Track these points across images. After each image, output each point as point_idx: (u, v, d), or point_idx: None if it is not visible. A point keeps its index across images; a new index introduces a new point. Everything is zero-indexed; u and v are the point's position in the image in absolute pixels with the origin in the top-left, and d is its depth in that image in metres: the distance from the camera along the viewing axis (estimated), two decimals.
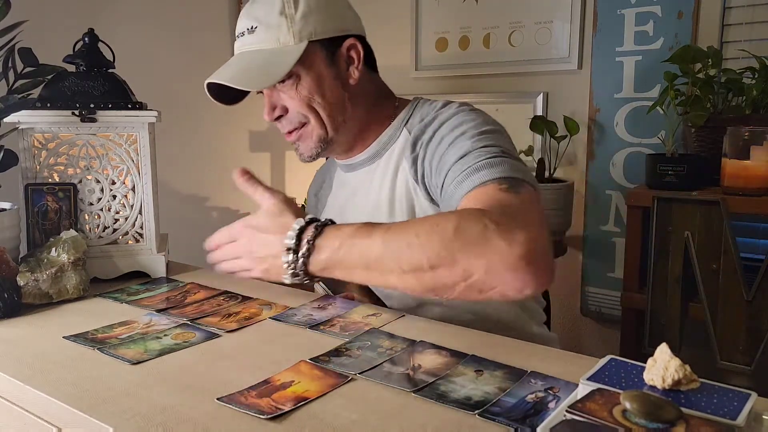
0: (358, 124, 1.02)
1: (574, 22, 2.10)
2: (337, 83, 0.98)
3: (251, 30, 0.96)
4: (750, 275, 1.53)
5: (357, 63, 1.00)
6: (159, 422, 0.56)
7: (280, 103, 0.98)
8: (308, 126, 0.99)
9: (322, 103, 0.97)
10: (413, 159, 0.96)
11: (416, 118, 1.01)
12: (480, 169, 0.80)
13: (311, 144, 1.00)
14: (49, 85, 1.01)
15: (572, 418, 0.48)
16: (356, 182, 1.06)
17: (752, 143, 1.57)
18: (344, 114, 0.99)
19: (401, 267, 0.70)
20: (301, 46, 0.93)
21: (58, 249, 0.92)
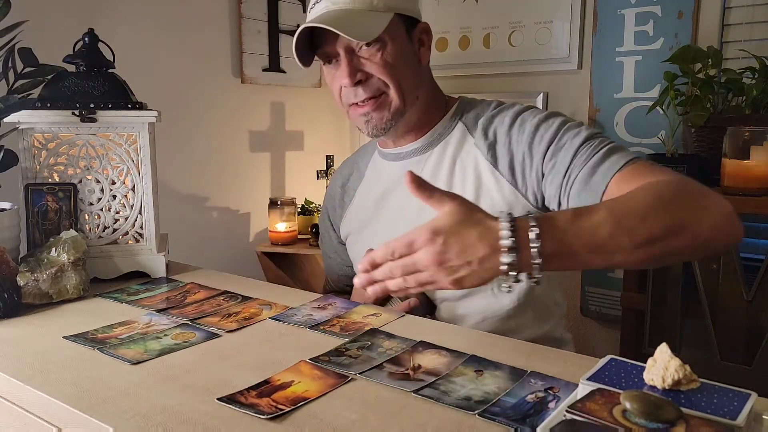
0: (423, 107, 1.02)
1: (574, 22, 2.10)
2: (414, 59, 1.00)
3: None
4: (750, 275, 1.53)
5: (428, 46, 1.02)
6: (159, 422, 0.56)
7: (361, 69, 0.96)
8: (386, 96, 0.97)
9: (404, 74, 0.97)
10: (488, 145, 0.97)
11: (471, 113, 1.03)
12: (608, 155, 0.85)
13: (386, 115, 0.98)
14: (49, 85, 1.01)
15: (572, 418, 0.48)
16: (402, 171, 1.01)
17: (752, 143, 1.57)
18: (418, 90, 1.00)
19: (634, 242, 0.68)
20: (389, 14, 0.94)
21: (58, 249, 0.92)
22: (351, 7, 0.93)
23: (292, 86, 2.45)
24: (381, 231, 1.06)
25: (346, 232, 1.15)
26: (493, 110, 1.01)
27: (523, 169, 0.94)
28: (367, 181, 1.13)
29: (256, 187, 2.40)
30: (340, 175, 1.20)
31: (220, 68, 2.23)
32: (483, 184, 0.97)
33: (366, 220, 1.09)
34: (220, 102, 2.23)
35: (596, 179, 0.84)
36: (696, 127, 1.74)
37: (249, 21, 2.26)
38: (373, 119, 0.98)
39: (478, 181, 0.97)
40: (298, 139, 2.55)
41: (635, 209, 0.70)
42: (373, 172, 1.13)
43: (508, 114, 0.99)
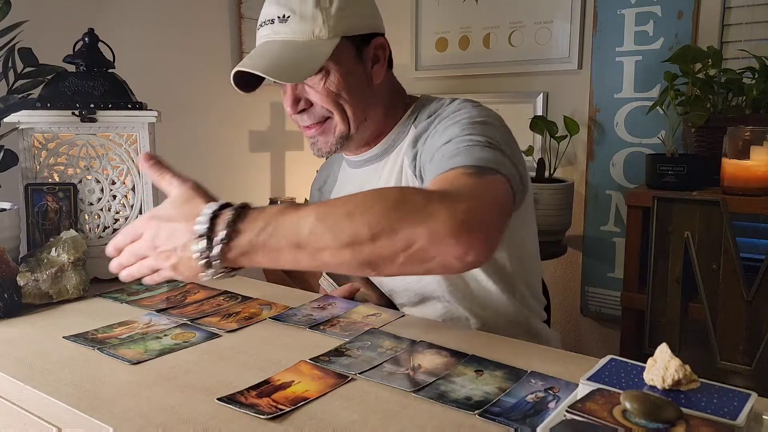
0: (376, 122, 1.01)
1: (574, 22, 2.10)
2: (362, 81, 0.97)
3: (283, 19, 0.91)
4: (750, 275, 1.53)
5: (383, 62, 0.99)
6: (159, 422, 0.56)
7: (305, 96, 0.96)
8: (331, 121, 0.97)
9: (348, 100, 0.95)
10: (413, 155, 0.96)
11: (423, 115, 1.00)
12: (455, 156, 0.79)
13: (331, 139, 0.98)
14: (49, 85, 1.01)
15: (572, 418, 0.48)
16: (363, 178, 1.06)
17: (752, 143, 1.57)
18: (366, 112, 0.99)
19: (338, 240, 0.64)
20: (334, 41, 0.92)
21: (58, 249, 0.92)
22: (292, 38, 0.91)
23: None
24: None
25: None
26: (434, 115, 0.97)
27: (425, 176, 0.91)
28: (339, 186, 1.15)
29: (256, 187, 2.40)
30: (319, 177, 1.23)
31: (220, 68, 2.23)
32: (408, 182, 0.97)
33: None
34: (220, 102, 2.23)
35: (430, 172, 0.81)
36: (696, 127, 1.74)
37: (249, 21, 2.26)
38: (318, 142, 0.99)
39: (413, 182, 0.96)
40: (298, 139, 2.55)
41: (343, 208, 0.66)
42: (343, 176, 1.15)
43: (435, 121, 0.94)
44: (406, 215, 0.64)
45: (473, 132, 0.84)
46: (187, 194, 0.71)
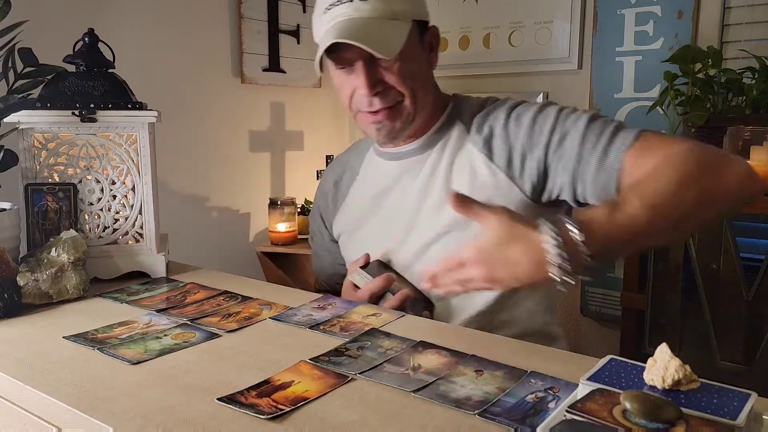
0: (430, 110, 1.02)
1: (574, 22, 2.10)
2: (426, 67, 1.00)
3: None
4: (750, 275, 1.53)
5: (436, 50, 1.02)
6: (159, 422, 0.56)
7: (380, 78, 0.95)
8: (401, 105, 0.97)
9: (419, 83, 0.97)
10: (484, 139, 0.97)
11: (466, 111, 1.03)
12: (618, 130, 0.87)
13: (398, 124, 0.98)
14: (49, 85, 1.01)
15: (572, 418, 0.48)
16: (401, 170, 1.05)
17: (752, 143, 1.57)
18: (426, 98, 1.00)
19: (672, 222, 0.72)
20: (408, 22, 0.94)
21: (58, 249, 0.92)
22: (372, 15, 0.92)
23: (292, 86, 2.45)
24: (378, 230, 1.06)
25: (339, 230, 1.15)
26: (489, 106, 1.02)
27: (523, 161, 0.94)
28: (362, 179, 1.13)
29: (256, 187, 2.40)
30: (332, 172, 1.20)
31: (220, 68, 2.23)
32: (477, 177, 0.97)
33: (361, 219, 1.09)
34: (220, 102, 2.23)
35: (610, 160, 0.85)
36: (696, 127, 1.74)
37: (249, 21, 2.26)
38: (385, 127, 0.98)
39: (473, 174, 0.97)
40: (298, 139, 2.55)
41: (665, 190, 0.72)
42: (369, 171, 1.12)
43: (503, 108, 0.99)
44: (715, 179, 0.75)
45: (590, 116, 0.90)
46: (506, 223, 0.71)
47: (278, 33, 2.35)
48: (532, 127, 0.94)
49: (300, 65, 2.45)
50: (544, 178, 0.94)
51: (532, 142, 0.93)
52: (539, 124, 0.94)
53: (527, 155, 0.94)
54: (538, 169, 0.93)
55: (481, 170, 0.97)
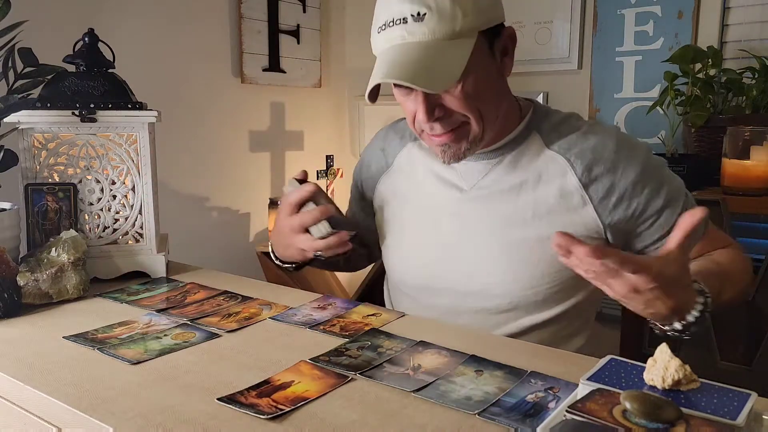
0: (502, 120, 0.94)
1: (574, 22, 2.10)
2: (496, 78, 0.91)
3: (419, 17, 0.82)
4: None
5: (512, 53, 0.92)
6: (159, 422, 0.56)
7: (440, 103, 0.86)
8: (467, 126, 0.89)
9: (485, 101, 0.88)
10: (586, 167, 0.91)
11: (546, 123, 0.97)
12: None
13: (465, 145, 0.90)
14: (49, 85, 1.01)
15: (572, 418, 0.48)
16: (462, 170, 0.98)
17: (752, 143, 1.57)
18: (498, 110, 0.92)
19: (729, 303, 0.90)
20: (473, 38, 0.84)
21: (58, 249, 0.92)
22: (430, 38, 0.82)
23: (292, 86, 2.45)
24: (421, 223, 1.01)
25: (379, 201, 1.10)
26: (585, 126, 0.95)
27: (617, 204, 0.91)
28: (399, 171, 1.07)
29: (256, 187, 2.40)
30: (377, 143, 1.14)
31: (220, 68, 2.23)
32: (567, 201, 0.91)
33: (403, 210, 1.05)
34: (220, 102, 2.23)
35: None
36: (696, 127, 1.74)
37: (249, 21, 2.26)
38: (451, 149, 0.91)
39: (563, 197, 0.92)
40: (298, 139, 2.55)
41: (734, 283, 0.90)
42: (414, 164, 1.05)
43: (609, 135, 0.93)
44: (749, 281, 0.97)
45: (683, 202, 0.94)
46: (684, 267, 0.73)
47: (278, 33, 2.35)
48: (641, 177, 0.91)
49: (300, 65, 2.45)
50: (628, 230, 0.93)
51: (635, 194, 0.91)
52: (646, 178, 0.91)
53: (623, 203, 0.91)
54: (628, 222, 0.92)
55: (572, 193, 0.92)
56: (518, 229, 0.92)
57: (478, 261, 0.94)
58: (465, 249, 0.96)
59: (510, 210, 0.94)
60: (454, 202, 0.98)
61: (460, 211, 0.97)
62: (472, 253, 0.95)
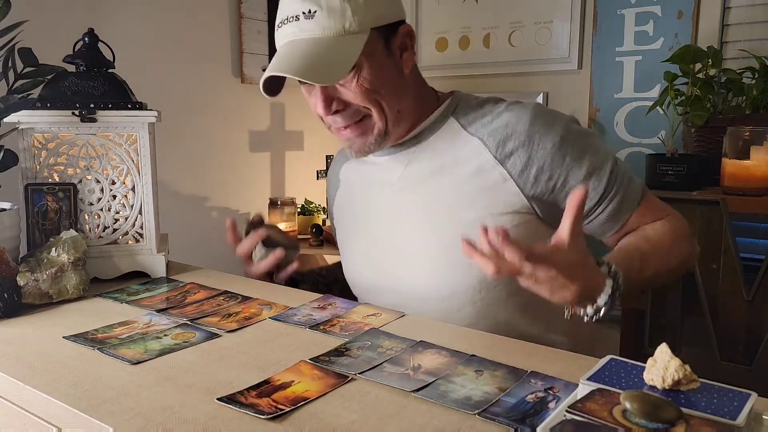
0: (410, 114, 0.96)
1: (574, 22, 2.10)
2: (394, 73, 0.93)
3: (309, 14, 0.86)
4: (750, 275, 1.53)
5: (411, 49, 0.94)
6: (159, 422, 0.56)
7: (337, 96, 0.90)
8: (369, 120, 0.92)
9: (384, 95, 0.91)
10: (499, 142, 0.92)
11: (467, 109, 0.98)
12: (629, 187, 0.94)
13: (370, 139, 0.93)
14: (49, 85, 1.01)
15: (572, 418, 0.48)
16: (386, 164, 1.01)
17: (752, 143, 1.57)
18: (400, 104, 0.94)
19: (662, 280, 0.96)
20: (364, 34, 0.87)
21: (58, 249, 0.92)
22: (320, 35, 0.86)
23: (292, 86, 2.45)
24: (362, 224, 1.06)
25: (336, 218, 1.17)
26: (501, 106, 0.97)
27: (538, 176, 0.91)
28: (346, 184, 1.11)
29: (256, 187, 2.40)
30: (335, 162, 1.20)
31: (220, 68, 2.23)
32: (485, 181, 0.93)
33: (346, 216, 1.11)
34: (220, 102, 2.23)
35: (623, 212, 0.94)
36: (696, 127, 1.74)
37: (249, 21, 2.26)
38: (356, 144, 0.94)
39: (480, 177, 0.93)
40: (298, 139, 2.55)
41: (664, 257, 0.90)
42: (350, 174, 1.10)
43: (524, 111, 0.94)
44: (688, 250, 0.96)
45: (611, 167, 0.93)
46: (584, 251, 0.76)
47: None
48: (559, 147, 0.91)
49: None
50: (555, 200, 0.93)
51: (554, 165, 0.91)
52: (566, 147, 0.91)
53: (544, 174, 0.91)
54: (553, 192, 0.92)
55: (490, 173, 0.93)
56: (444, 213, 0.94)
57: (412, 248, 0.97)
58: (399, 239, 0.99)
59: (433, 195, 0.96)
60: (385, 198, 1.02)
61: (391, 206, 1.01)
62: (405, 241, 0.98)
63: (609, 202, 0.93)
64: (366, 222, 1.05)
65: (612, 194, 0.92)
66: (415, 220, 0.97)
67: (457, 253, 0.90)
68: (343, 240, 1.12)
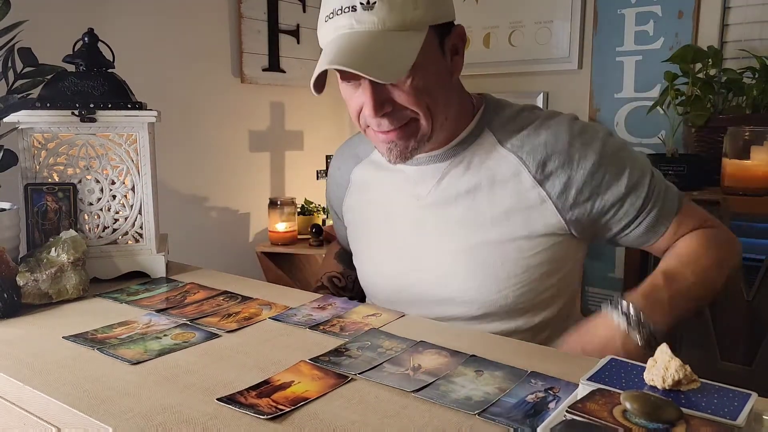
0: (453, 120, 0.91)
1: (574, 21, 2.10)
2: (446, 76, 0.88)
3: (368, 5, 0.79)
4: (750, 275, 1.53)
5: (461, 53, 0.90)
6: (159, 422, 0.56)
7: (389, 97, 0.84)
8: (416, 123, 0.86)
9: (436, 98, 0.86)
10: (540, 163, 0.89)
11: (498, 119, 0.94)
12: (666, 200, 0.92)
13: (412, 143, 0.88)
14: (48, 85, 1.01)
15: (572, 419, 0.48)
16: (416, 175, 0.96)
17: (752, 143, 1.57)
18: (448, 110, 0.89)
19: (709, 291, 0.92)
20: (423, 31, 0.82)
21: (58, 249, 0.92)
22: (380, 28, 0.80)
23: (292, 86, 2.45)
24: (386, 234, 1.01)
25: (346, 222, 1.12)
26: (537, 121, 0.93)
27: (577, 197, 0.89)
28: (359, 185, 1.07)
29: (256, 187, 2.40)
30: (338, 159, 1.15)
31: (220, 68, 2.23)
32: (524, 201, 0.90)
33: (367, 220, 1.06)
34: (220, 102, 2.23)
35: (660, 225, 0.92)
36: (696, 127, 1.74)
37: (249, 21, 2.26)
38: (397, 147, 0.88)
39: (520, 197, 0.90)
40: (297, 139, 2.55)
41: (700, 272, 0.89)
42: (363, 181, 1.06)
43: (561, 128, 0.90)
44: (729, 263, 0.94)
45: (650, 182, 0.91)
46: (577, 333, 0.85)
47: (278, 33, 2.35)
48: (599, 166, 0.88)
49: (300, 65, 2.45)
50: (593, 219, 0.91)
51: (594, 184, 0.88)
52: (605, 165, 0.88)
53: (583, 194, 0.89)
54: (591, 211, 0.90)
55: (529, 192, 0.89)
56: (477, 233, 0.91)
57: (442, 269, 0.93)
58: (427, 258, 0.95)
59: (467, 214, 0.92)
60: (412, 210, 0.97)
61: (419, 219, 0.96)
62: (435, 261, 0.94)
63: (647, 215, 0.90)
64: (390, 232, 1.00)
65: (649, 208, 0.90)
66: (446, 237, 0.93)
67: (489, 274, 0.90)
68: (360, 245, 1.07)
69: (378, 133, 0.88)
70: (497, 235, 0.90)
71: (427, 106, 0.85)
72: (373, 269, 1.03)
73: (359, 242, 1.08)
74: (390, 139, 0.87)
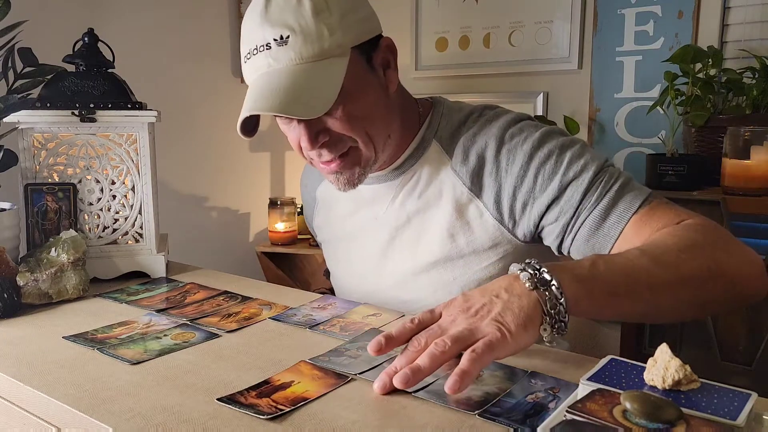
0: (397, 136, 0.88)
1: (574, 21, 2.10)
2: (380, 94, 0.84)
3: (282, 41, 0.76)
4: None
5: (394, 65, 0.86)
6: (159, 422, 0.56)
7: (323, 127, 0.81)
8: (356, 150, 0.84)
9: (372, 120, 0.82)
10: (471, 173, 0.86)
11: (446, 127, 0.91)
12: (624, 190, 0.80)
13: (358, 170, 0.86)
14: (48, 85, 1.01)
15: (572, 419, 0.48)
16: (372, 195, 0.95)
17: (752, 143, 1.57)
18: (389, 128, 0.86)
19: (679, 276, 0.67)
20: (345, 56, 0.78)
21: (58, 249, 0.92)
22: (297, 62, 0.76)
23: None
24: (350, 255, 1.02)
25: (319, 239, 1.15)
26: (472, 124, 0.89)
27: (512, 204, 0.85)
28: (323, 204, 1.07)
29: (256, 187, 2.40)
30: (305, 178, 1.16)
31: (220, 68, 2.23)
32: (463, 216, 0.88)
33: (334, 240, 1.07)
34: (219, 102, 2.23)
35: (610, 223, 0.79)
36: (696, 127, 1.74)
37: None
38: (343, 176, 0.86)
39: (459, 213, 0.88)
40: None
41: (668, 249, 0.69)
42: (328, 196, 1.05)
43: (492, 133, 0.87)
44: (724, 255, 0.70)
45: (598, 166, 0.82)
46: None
47: None
48: (528, 166, 0.83)
49: None
50: (537, 225, 0.86)
51: (526, 185, 0.84)
52: (536, 164, 0.83)
53: (519, 198, 0.85)
54: (534, 215, 0.85)
55: (468, 210, 0.87)
56: (429, 253, 0.91)
57: (403, 288, 0.94)
58: (389, 276, 0.96)
59: (419, 234, 0.92)
60: (373, 231, 0.97)
61: (379, 239, 0.96)
62: (394, 280, 0.95)
63: (588, 212, 0.80)
64: (357, 250, 1.00)
65: (592, 203, 0.80)
66: (404, 256, 0.93)
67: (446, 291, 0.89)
68: (330, 263, 1.10)
69: (321, 163, 0.86)
70: (446, 253, 0.89)
71: (364, 131, 0.82)
72: (347, 287, 1.05)
73: (330, 260, 1.10)
74: (333, 169, 0.86)
